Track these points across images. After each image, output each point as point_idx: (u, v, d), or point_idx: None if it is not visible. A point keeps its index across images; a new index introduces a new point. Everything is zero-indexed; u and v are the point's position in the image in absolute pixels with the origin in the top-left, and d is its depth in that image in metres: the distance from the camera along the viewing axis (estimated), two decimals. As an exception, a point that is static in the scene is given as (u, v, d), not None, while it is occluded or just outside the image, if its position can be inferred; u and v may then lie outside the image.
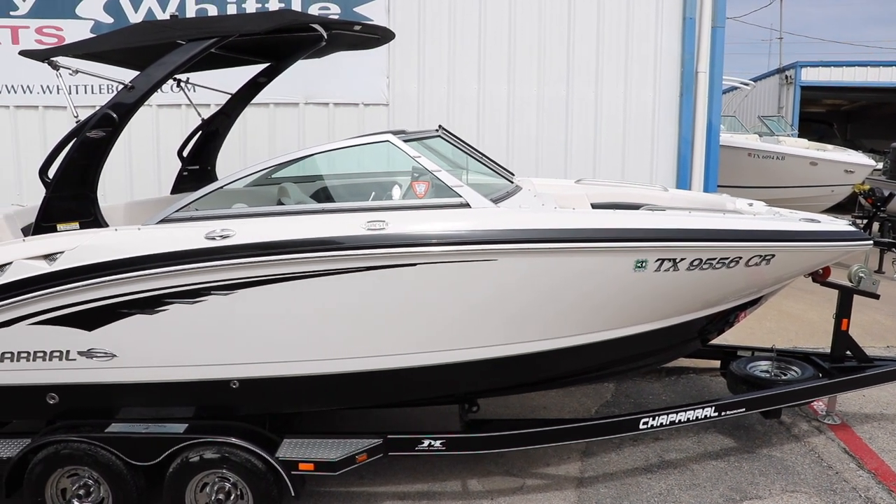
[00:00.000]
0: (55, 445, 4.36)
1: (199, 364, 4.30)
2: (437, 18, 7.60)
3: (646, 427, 4.88)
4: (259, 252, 4.06)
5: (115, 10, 7.43)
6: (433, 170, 4.36)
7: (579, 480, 5.05)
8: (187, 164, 6.01)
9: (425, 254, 4.10)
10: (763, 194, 10.35)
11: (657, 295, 4.49)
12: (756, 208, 5.42)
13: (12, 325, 4.22)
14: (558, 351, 4.45)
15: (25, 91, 7.54)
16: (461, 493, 4.92)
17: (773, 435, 5.67)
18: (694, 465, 5.22)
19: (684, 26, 7.75)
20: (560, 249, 4.17)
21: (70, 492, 4.47)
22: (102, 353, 4.27)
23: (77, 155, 4.27)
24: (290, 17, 4.75)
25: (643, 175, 7.84)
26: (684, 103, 7.83)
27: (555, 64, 7.71)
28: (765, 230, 4.51)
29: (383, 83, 7.61)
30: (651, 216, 4.44)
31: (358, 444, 4.49)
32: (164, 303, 4.16)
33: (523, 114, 7.73)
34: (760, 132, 18.24)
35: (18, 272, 4.16)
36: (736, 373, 5.65)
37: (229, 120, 6.12)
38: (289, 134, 7.65)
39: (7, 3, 7.37)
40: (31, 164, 7.46)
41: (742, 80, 19.41)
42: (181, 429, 4.42)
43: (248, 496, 4.33)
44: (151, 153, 7.64)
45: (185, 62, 4.39)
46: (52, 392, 4.39)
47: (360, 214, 4.18)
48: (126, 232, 4.25)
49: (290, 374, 4.31)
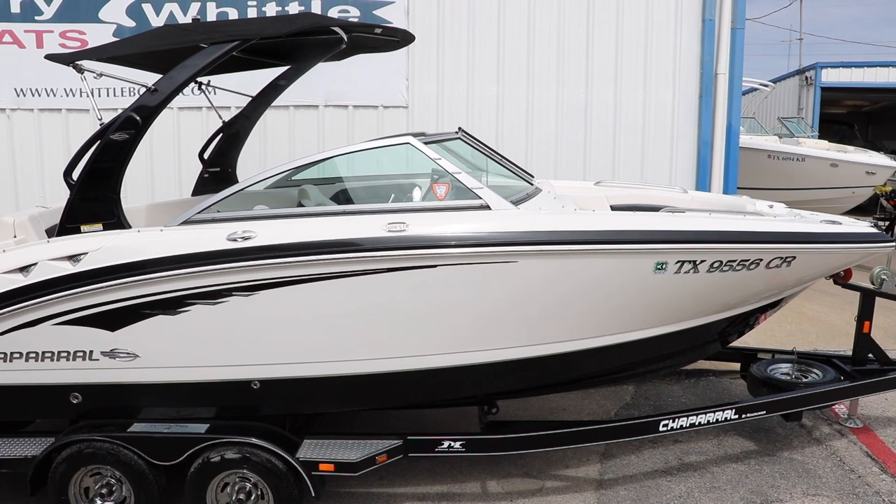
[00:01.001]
0: (78, 444, 4.41)
1: (221, 365, 4.33)
2: (456, 21, 7.61)
3: (666, 429, 4.87)
4: (280, 253, 4.09)
5: (138, 14, 7.50)
6: (453, 172, 4.37)
7: (599, 482, 5.04)
8: (208, 167, 6.06)
9: (445, 255, 4.11)
10: (783, 196, 10.28)
11: (677, 297, 4.48)
12: (776, 210, 5.39)
13: (37, 326, 4.27)
14: (578, 353, 4.45)
15: (49, 94, 7.62)
16: (480, 494, 4.93)
17: (794, 438, 5.63)
18: (714, 468, 5.19)
19: (703, 28, 7.72)
20: (580, 251, 4.17)
21: (93, 491, 4.52)
22: (125, 354, 4.31)
23: (101, 157, 4.32)
24: (312, 21, 4.79)
25: (662, 177, 7.82)
26: (704, 105, 7.80)
27: (574, 66, 7.70)
28: (786, 232, 4.48)
29: (402, 85, 7.63)
30: (671, 218, 4.43)
31: (378, 445, 4.51)
32: (187, 304, 4.19)
33: (542, 116, 7.73)
34: (780, 134, 18.11)
35: (43, 273, 4.21)
36: (756, 375, 5.61)
37: (250, 122, 6.16)
38: (308, 136, 7.68)
39: (32, 7, 7.46)
40: (55, 166, 7.56)
41: (761, 82, 19.27)
42: (202, 429, 4.45)
43: (269, 496, 4.36)
44: (172, 155, 7.70)
45: (207, 65, 4.43)
46: (75, 392, 4.44)
47: (381, 216, 4.20)
48: (149, 233, 4.29)
49: (311, 375, 4.34)
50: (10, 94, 7.61)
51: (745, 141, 13.78)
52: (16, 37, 7.52)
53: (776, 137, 17.08)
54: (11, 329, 4.28)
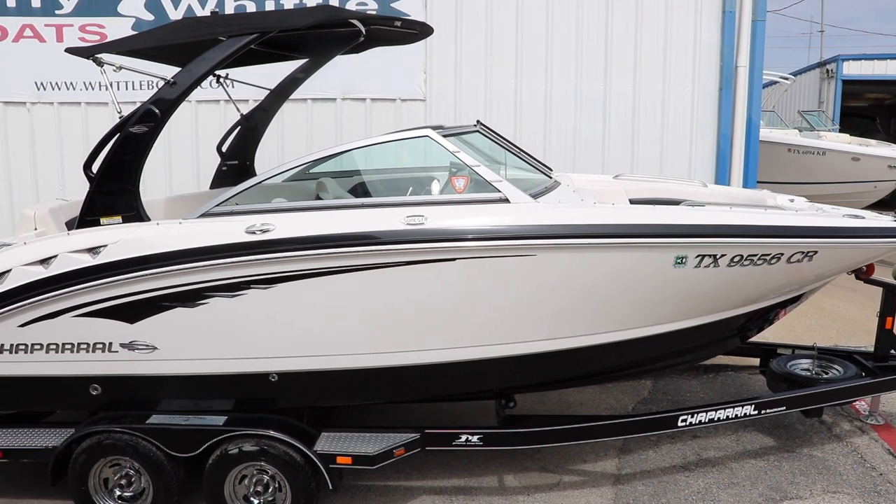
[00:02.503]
0: (98, 436, 4.44)
1: (239, 357, 4.34)
2: (473, 13, 7.58)
3: (684, 424, 4.83)
4: (299, 246, 4.09)
5: (156, 7, 7.52)
6: (472, 165, 4.36)
7: (616, 477, 5.02)
8: (226, 160, 6.08)
9: (464, 249, 4.09)
10: (803, 190, 10.18)
11: (696, 291, 4.44)
12: (797, 204, 5.34)
13: (57, 318, 4.30)
14: (597, 347, 4.43)
15: (69, 88, 7.67)
16: (497, 488, 4.92)
17: (813, 434, 5.58)
18: (733, 464, 5.16)
19: (724, 20, 7.64)
20: (599, 245, 4.14)
21: (112, 481, 4.55)
22: (144, 346, 4.33)
23: (120, 150, 4.34)
24: (330, 13, 4.77)
25: (681, 171, 7.76)
26: (724, 98, 7.73)
27: (592, 58, 7.65)
28: (807, 226, 4.44)
29: (420, 78, 7.61)
30: (691, 212, 4.40)
31: (396, 438, 4.51)
32: (205, 296, 4.21)
33: (561, 108, 7.69)
34: (800, 127, 17.95)
35: (63, 265, 4.24)
36: (776, 371, 5.57)
37: (268, 115, 6.17)
38: (326, 129, 7.68)
39: (52, 2, 7.50)
40: (74, 159, 7.59)
41: (782, 75, 19.12)
42: (220, 421, 4.47)
43: (286, 489, 4.37)
44: (191, 148, 7.72)
45: (225, 58, 4.43)
46: (94, 383, 4.47)
47: (400, 209, 4.19)
48: (168, 226, 4.31)
49: (329, 368, 4.34)
50: (30, 87, 7.66)
51: (765, 134, 13.67)
52: (36, 31, 7.56)
53: (796, 131, 16.92)
54: (32, 321, 4.31)
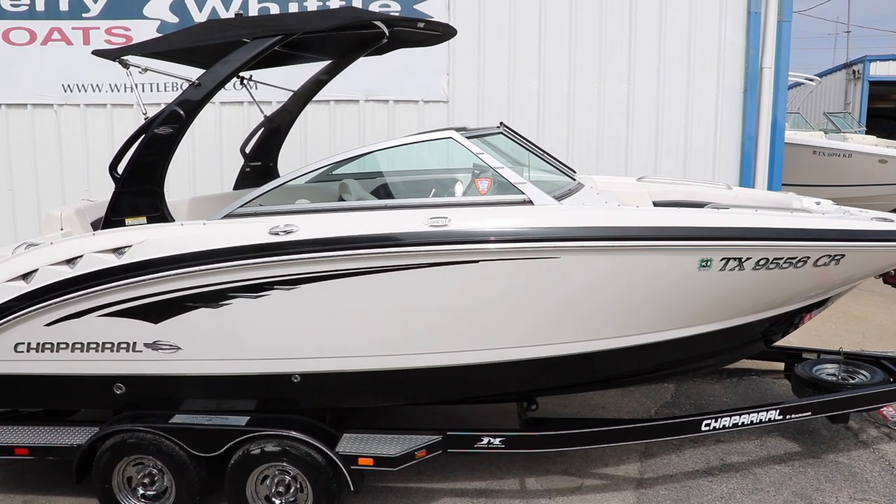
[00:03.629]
0: (122, 434, 4.47)
1: (262, 358, 4.36)
2: (497, 14, 7.57)
3: (708, 429, 4.79)
4: (322, 248, 4.10)
5: (181, 10, 7.58)
6: (496, 166, 4.35)
7: (639, 481, 4.99)
8: (250, 161, 6.10)
9: (488, 251, 4.08)
10: (829, 193, 10.10)
11: (721, 295, 4.40)
12: (824, 207, 5.28)
13: (83, 317, 4.34)
14: (620, 350, 4.40)
15: (94, 90, 7.74)
16: (519, 491, 4.90)
17: (839, 440, 5.52)
18: (757, 469, 5.11)
19: (749, 21, 7.58)
20: (624, 248, 4.12)
21: (135, 480, 4.59)
22: (167, 346, 4.36)
23: (145, 151, 4.37)
24: (354, 15, 4.78)
25: (706, 173, 7.70)
26: (748, 100, 7.67)
27: (616, 59, 7.61)
28: (835, 229, 4.38)
29: (443, 80, 7.61)
30: (717, 214, 4.36)
31: (417, 440, 4.51)
32: (228, 297, 4.23)
33: (584, 110, 7.66)
34: (826, 129, 17.78)
35: (89, 265, 4.28)
36: (801, 375, 5.50)
37: (291, 117, 6.19)
38: (349, 131, 7.70)
39: (80, 5, 7.58)
40: (100, 160, 7.67)
41: (807, 76, 18.94)
42: (243, 421, 4.49)
43: (308, 489, 4.37)
44: (214, 149, 7.77)
45: (249, 60, 4.45)
46: (118, 382, 4.50)
47: (423, 211, 4.19)
48: (192, 227, 4.33)
49: (352, 370, 4.35)
50: (58, 89, 7.75)
51: (790, 136, 13.53)
52: (64, 34, 7.65)
53: (822, 133, 16.76)
54: (58, 320, 4.35)
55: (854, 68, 23.20)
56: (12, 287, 4.36)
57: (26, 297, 4.33)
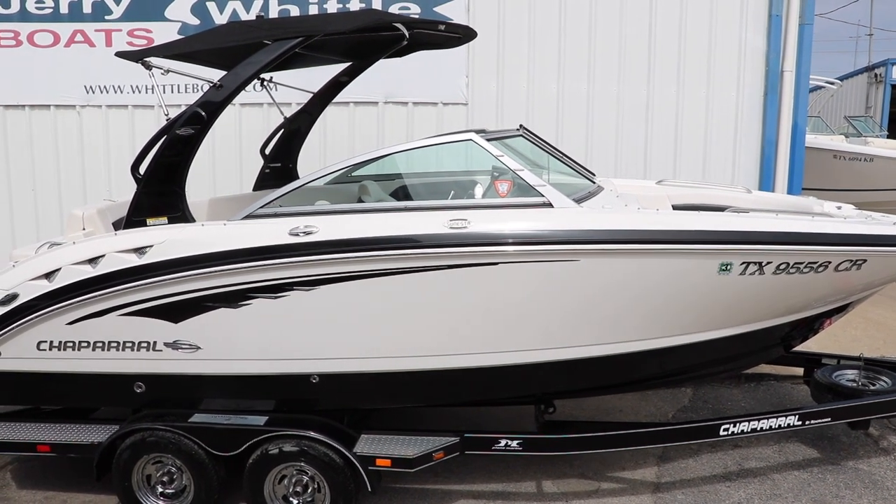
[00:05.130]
0: (142, 433, 4.51)
1: (281, 358, 4.39)
2: (516, 17, 7.56)
3: (726, 434, 4.76)
4: (342, 249, 4.12)
5: (202, 12, 7.63)
6: (516, 169, 4.35)
7: (656, 485, 4.97)
8: (269, 162, 6.14)
9: (507, 253, 4.09)
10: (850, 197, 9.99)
11: (741, 299, 4.38)
12: (845, 211, 5.24)
13: (104, 316, 4.38)
14: (639, 354, 4.39)
15: (116, 91, 7.79)
16: (536, 494, 4.90)
17: (859, 447, 5.47)
18: (775, 475, 5.08)
19: (770, 23, 7.52)
20: (643, 251, 4.11)
21: (154, 478, 4.62)
22: (187, 345, 4.39)
23: (167, 152, 4.41)
24: (375, 17, 4.80)
25: (725, 176, 7.65)
26: (769, 103, 7.61)
27: (635, 62, 7.58)
28: (857, 234, 4.35)
29: (462, 82, 7.61)
30: (737, 218, 4.34)
31: (435, 441, 4.51)
32: (248, 297, 4.25)
33: (603, 113, 7.63)
34: (847, 133, 17.64)
35: (110, 265, 4.32)
36: (821, 381, 5.46)
37: (311, 118, 6.23)
38: (368, 133, 7.71)
39: (102, 7, 7.65)
40: (121, 161, 7.73)
41: (827, 80, 18.78)
42: (261, 421, 4.51)
43: (325, 490, 4.39)
44: (234, 151, 7.80)
45: (271, 61, 4.48)
46: (139, 381, 4.54)
47: (443, 213, 4.19)
48: (212, 227, 4.36)
49: (370, 371, 4.36)
50: (80, 91, 7.81)
51: (810, 140, 13.45)
52: (87, 36, 7.71)
53: (843, 137, 16.64)
54: (80, 319, 4.40)
55: (876, 71, 23.01)
56: (35, 286, 4.41)
57: (49, 296, 4.38)
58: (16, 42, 7.79)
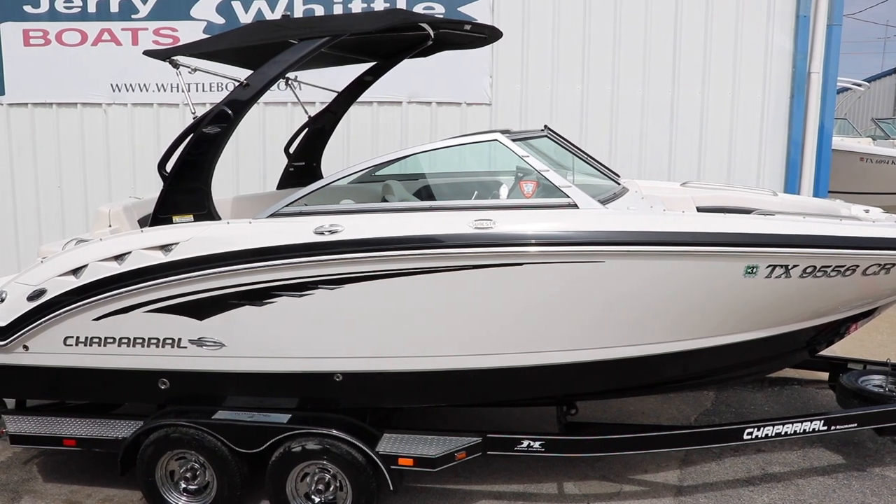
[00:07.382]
0: (165, 429, 4.54)
1: (304, 356, 4.40)
2: (541, 17, 7.54)
3: (750, 438, 4.73)
4: (367, 248, 4.12)
5: (227, 11, 7.68)
6: (541, 169, 4.34)
7: (678, 489, 4.94)
8: (293, 161, 6.16)
9: (532, 254, 4.08)
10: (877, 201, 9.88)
11: (766, 302, 4.35)
12: (873, 215, 5.19)
13: (130, 312, 4.41)
14: (663, 356, 4.37)
15: (142, 89, 7.87)
16: (557, 495, 4.88)
17: (886, 454, 5.40)
18: (799, 480, 5.03)
19: (797, 24, 7.45)
20: (668, 253, 4.08)
21: (178, 474, 4.65)
22: (212, 342, 4.41)
23: (193, 150, 4.44)
24: (401, 17, 4.80)
25: (750, 179, 7.60)
26: (795, 105, 7.54)
27: (660, 63, 7.54)
28: (886, 238, 4.29)
29: (486, 83, 7.61)
30: (763, 221, 4.30)
31: (458, 441, 4.51)
32: (273, 295, 4.27)
33: (627, 114, 7.60)
34: (874, 135, 17.46)
35: (136, 262, 4.35)
36: (847, 386, 5.39)
37: (335, 118, 6.25)
38: (392, 132, 7.73)
39: (129, 7, 7.73)
40: (146, 158, 7.81)
41: (855, 81, 18.58)
42: (284, 419, 4.53)
43: (347, 488, 4.40)
44: (258, 149, 7.85)
45: (297, 61, 4.50)
46: (163, 377, 4.57)
47: (468, 213, 4.19)
48: (238, 225, 4.39)
49: (394, 370, 4.37)
50: (107, 89, 7.90)
51: (837, 143, 13.31)
52: (114, 35, 7.80)
53: (870, 139, 16.47)
54: (106, 315, 4.43)
55: (904, 73, 22.76)
56: (63, 282, 4.45)
57: (76, 292, 4.42)
58: (45, 41, 7.89)
